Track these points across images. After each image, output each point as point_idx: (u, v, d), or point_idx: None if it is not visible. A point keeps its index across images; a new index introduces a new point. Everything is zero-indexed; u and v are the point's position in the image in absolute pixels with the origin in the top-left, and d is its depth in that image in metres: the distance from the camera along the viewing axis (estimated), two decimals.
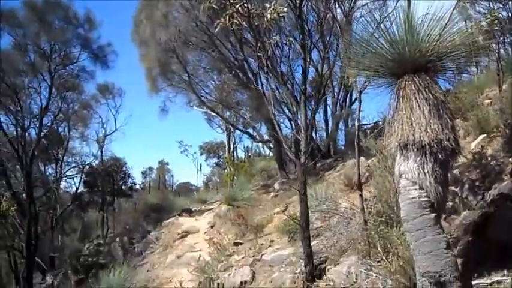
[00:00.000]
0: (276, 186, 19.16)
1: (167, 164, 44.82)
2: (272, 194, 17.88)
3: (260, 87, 10.88)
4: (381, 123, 16.03)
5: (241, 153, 34.75)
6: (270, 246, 11.30)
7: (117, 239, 20.49)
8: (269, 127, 21.19)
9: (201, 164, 38.05)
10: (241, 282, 9.10)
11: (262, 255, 10.51)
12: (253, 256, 10.91)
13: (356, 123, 9.67)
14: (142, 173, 42.98)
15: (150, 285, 11.64)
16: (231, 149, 32.75)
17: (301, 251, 8.78)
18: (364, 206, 8.37)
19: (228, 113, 26.73)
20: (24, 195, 20.01)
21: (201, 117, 32.69)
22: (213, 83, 24.37)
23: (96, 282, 11.78)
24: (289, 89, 16.73)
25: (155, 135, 72.20)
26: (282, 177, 20.69)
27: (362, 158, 10.96)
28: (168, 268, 13.84)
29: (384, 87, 5.91)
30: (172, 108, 25.65)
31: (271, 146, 24.34)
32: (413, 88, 5.31)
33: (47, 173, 27.65)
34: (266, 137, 24.47)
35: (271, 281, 8.79)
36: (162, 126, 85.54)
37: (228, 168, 27.71)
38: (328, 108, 23.06)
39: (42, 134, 21.63)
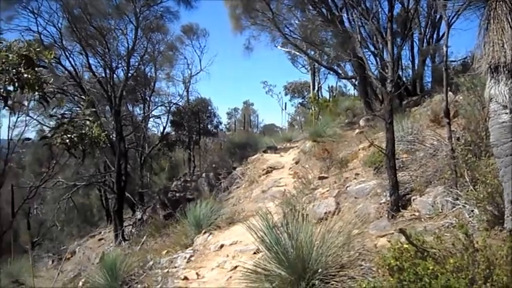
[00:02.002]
0: (361, 123, 18.93)
1: (252, 104, 45.15)
2: (357, 130, 17.65)
3: (345, 24, 10.66)
4: (469, 61, 15.50)
5: (325, 93, 34.46)
6: (354, 179, 11.25)
7: (204, 175, 20.97)
8: (354, 64, 20.87)
9: (285, 104, 38.04)
10: (325, 213, 9.16)
11: (347, 187, 10.50)
12: (338, 189, 10.91)
13: (444, 48, 9.25)
14: (227, 113, 43.58)
15: (236, 218, 11.92)
16: (316, 89, 32.49)
17: (386, 183, 8.75)
18: (452, 135, 8.14)
19: (312, 52, 26.45)
20: (114, 134, 20.74)
21: (285, 57, 32.62)
22: (297, 21, 24.12)
23: (184, 215, 12.20)
24: (375, 24, 16.34)
25: (240, 76, 72.39)
26: (367, 115, 20.45)
27: (450, 94, 10.67)
28: (253, 202, 14.05)
29: (473, 13, 5.66)
30: (256, 47, 25.58)
31: (356, 83, 24.05)
32: (505, 9, 5.05)
33: (135, 113, 28.59)
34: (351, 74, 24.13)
35: (356, 211, 8.80)
36: (246, 67, 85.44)
37: (313, 108, 27.68)
38: (414, 45, 22.40)
39: (129, 75, 22.24)
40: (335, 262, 5.64)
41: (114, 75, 21.72)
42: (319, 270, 5.42)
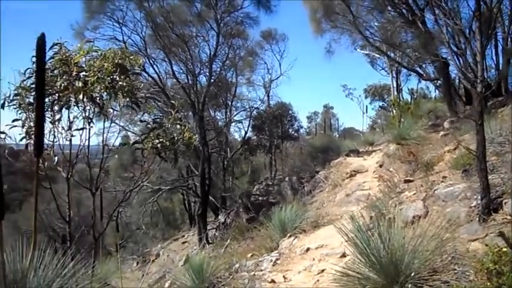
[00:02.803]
0: (446, 125, 18.42)
1: (332, 108, 44.85)
2: (442, 133, 17.22)
3: (427, 24, 10.46)
4: None
5: (406, 96, 33.86)
6: (442, 182, 10.96)
7: (287, 178, 21.01)
8: (436, 66, 20.44)
9: (366, 107, 37.58)
10: (413, 216, 8.97)
11: (435, 190, 10.25)
12: (425, 192, 10.68)
13: None
14: (307, 117, 43.39)
15: (321, 221, 11.84)
16: (397, 91, 32.02)
17: (475, 186, 8.48)
18: None
19: (392, 54, 26.08)
20: (198, 138, 21.14)
21: (364, 60, 32.27)
22: (377, 23, 23.85)
23: (267, 219, 12.24)
24: (458, 24, 15.94)
25: (319, 79, 72.11)
26: (451, 116, 19.97)
27: None
28: (337, 206, 13.91)
29: None
30: (336, 50, 25.45)
31: (438, 85, 23.51)
32: None
33: (217, 118, 28.99)
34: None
35: (445, 215, 8.58)
36: (326, 70, 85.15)
37: (394, 110, 27.27)
38: (498, 44, 21.69)
39: (212, 80, 22.61)
40: (427, 266, 5.53)
41: (197, 81, 22.15)
42: (412, 274, 5.34)
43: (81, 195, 18.89)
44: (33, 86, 6.40)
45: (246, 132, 29.01)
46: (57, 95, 6.60)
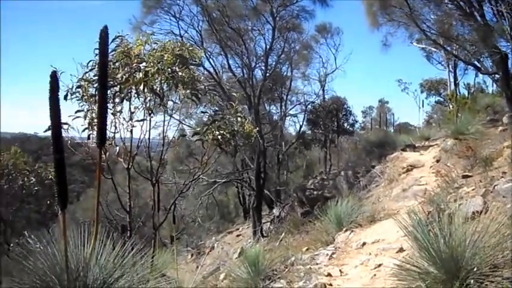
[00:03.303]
0: (505, 120, 17.94)
1: (387, 102, 44.25)
2: (500, 128, 16.83)
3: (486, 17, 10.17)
4: None
5: (463, 90, 33.12)
6: (502, 177, 10.72)
7: (342, 173, 20.86)
8: (495, 59, 19.93)
9: (422, 101, 36.85)
10: (473, 212, 8.78)
11: (495, 186, 10.01)
12: (484, 188, 10.44)
13: None
14: (362, 112, 42.96)
15: (377, 216, 11.72)
16: (454, 86, 31.36)
17: None
18: None
19: (449, 48, 25.54)
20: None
21: (420, 54, 31.73)
22: (433, 16, 23.37)
23: (322, 213, 12.18)
24: None
25: (374, 74, 71.28)
26: (510, 111, 19.44)
27: None
28: (394, 201, 13.75)
29: None
30: (392, 44, 25.11)
31: (496, 79, 22.93)
32: None
33: (272, 112, 29.00)
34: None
35: (506, 211, 8.38)
36: (381, 65, 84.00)
37: (451, 105, 26.77)
38: None
39: (267, 74, 22.62)
40: (488, 262, 5.40)
41: (253, 75, 22.20)
42: (474, 270, 5.23)
43: (138, 187, 19.22)
44: (95, 78, 6.54)
45: (301, 126, 29.03)
46: (118, 86, 6.70)
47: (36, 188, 16.58)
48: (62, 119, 3.70)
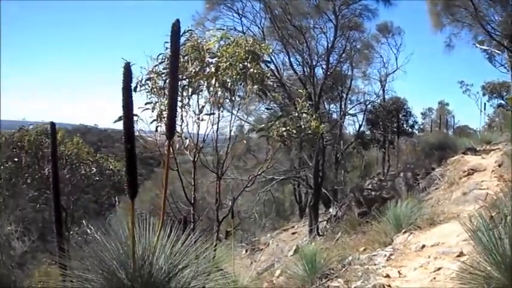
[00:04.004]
0: None
1: (447, 104, 43.37)
2: None
3: None
4: None
5: None
6: None
7: (401, 174, 20.63)
8: None
9: (484, 104, 35.90)
10: None
11: None
12: None
13: None
14: (422, 113, 42.24)
15: (437, 219, 11.56)
16: None
17: None
18: None
19: None
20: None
21: (482, 56, 31.03)
22: (498, 18, 22.84)
23: (380, 214, 12.08)
24: None
25: (435, 75, 69.88)
26: None
27: None
28: (454, 204, 13.54)
29: None
30: (456, 45, 24.67)
31: None
32: None
33: (331, 111, 28.86)
34: None
35: None
36: (442, 66, 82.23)
37: None
38: None
39: (328, 72, 22.54)
40: None
41: (314, 73, 22.19)
42: None
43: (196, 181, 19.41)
44: (165, 71, 6.67)
45: (360, 126, 28.75)
46: (187, 80, 6.80)
47: (96, 178, 16.96)
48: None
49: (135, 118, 6.87)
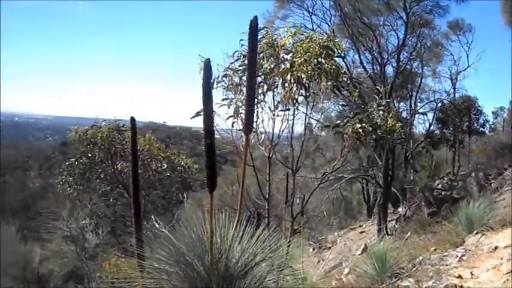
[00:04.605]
0: None
1: None
2: None
3: None
4: None
5: None
6: None
7: (473, 174, 20.23)
8: None
9: None
10: None
11: None
12: None
13: None
14: (493, 112, 41.08)
15: (510, 220, 11.32)
16: None
17: None
18: None
19: None
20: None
21: None
22: None
23: (451, 214, 11.89)
24: None
25: (507, 73, 67.69)
26: None
27: None
28: None
29: None
30: None
31: None
32: None
33: (401, 109, 28.45)
34: None
35: None
36: None
37: None
38: None
39: (399, 70, 22.28)
40: None
41: (384, 71, 21.96)
42: None
43: (262, 177, 19.55)
44: (240, 67, 6.76)
45: (430, 125, 28.25)
46: (262, 76, 6.88)
47: (167, 174, 17.31)
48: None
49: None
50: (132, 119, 5.40)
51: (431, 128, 28.43)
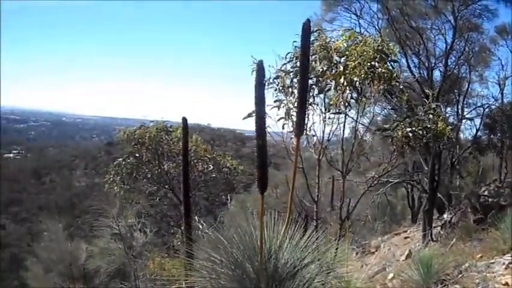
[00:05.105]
0: None
1: None
2: None
3: None
4: None
5: None
6: None
7: None
8: None
9: None
10: None
11: None
12: None
13: None
14: None
15: None
16: None
17: None
18: None
19: None
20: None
21: None
22: None
23: (497, 221, 11.74)
24: None
25: None
26: None
27: None
28: None
29: None
30: None
31: None
32: None
33: (447, 114, 28.03)
34: None
35: None
36: None
37: None
38: None
39: (446, 75, 22.02)
40: None
41: (432, 75, 21.74)
42: None
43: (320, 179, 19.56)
44: (293, 69, 6.80)
45: (477, 131, 27.76)
46: (314, 79, 6.90)
47: (213, 175, 17.44)
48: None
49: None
50: (184, 119, 5.49)
51: (478, 133, 27.98)
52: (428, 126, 7.76)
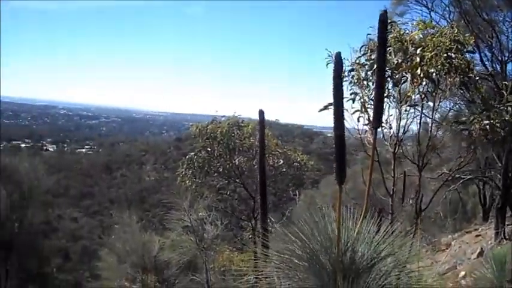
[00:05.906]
0: None
1: None
2: None
3: None
4: None
5: None
6: None
7: None
8: None
9: None
10: None
11: None
12: None
13: None
14: None
15: None
16: None
17: None
18: None
19: None
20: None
21: None
22: None
23: None
24: None
25: None
26: None
27: None
28: None
29: None
30: None
31: None
32: None
33: None
34: None
35: None
36: None
37: None
38: None
39: None
40: None
41: (505, 69, 21.12)
42: None
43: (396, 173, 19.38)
44: (368, 62, 6.77)
45: None
46: (389, 71, 6.85)
47: (283, 170, 17.52)
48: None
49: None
50: (261, 112, 5.52)
51: None
52: (506, 118, 7.57)
